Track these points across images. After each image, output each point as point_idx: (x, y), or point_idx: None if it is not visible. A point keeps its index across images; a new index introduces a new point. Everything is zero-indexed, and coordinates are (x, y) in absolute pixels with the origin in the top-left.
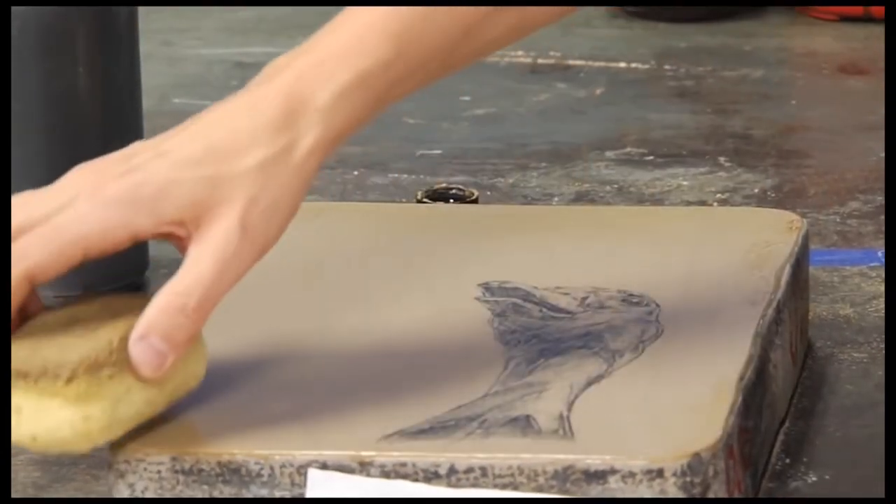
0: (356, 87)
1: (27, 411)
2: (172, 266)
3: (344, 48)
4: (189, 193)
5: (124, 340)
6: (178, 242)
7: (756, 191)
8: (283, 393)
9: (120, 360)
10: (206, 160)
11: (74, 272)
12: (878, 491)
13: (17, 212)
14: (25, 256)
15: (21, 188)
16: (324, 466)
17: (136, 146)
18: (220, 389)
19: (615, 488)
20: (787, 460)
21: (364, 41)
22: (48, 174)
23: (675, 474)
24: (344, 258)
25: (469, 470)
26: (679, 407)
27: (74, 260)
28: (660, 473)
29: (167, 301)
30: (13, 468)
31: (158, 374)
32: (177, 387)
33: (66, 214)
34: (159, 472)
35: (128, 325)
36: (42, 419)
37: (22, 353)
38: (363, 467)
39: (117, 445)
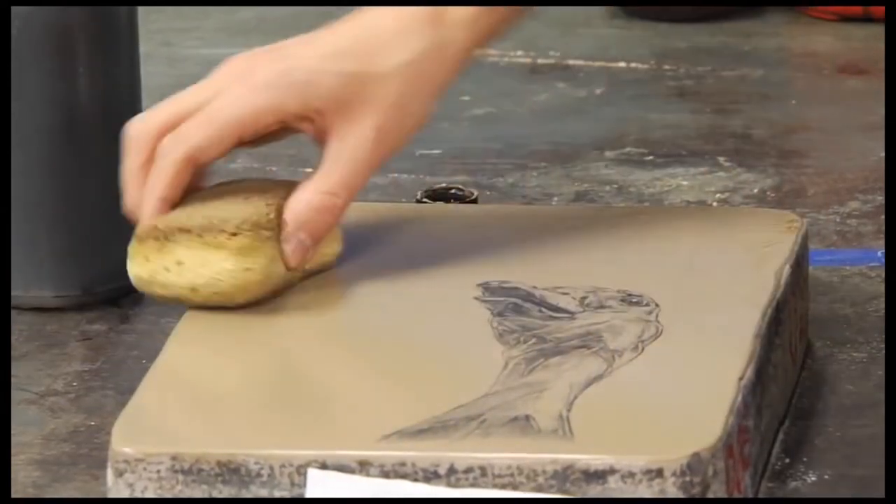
0: (488, 9)
1: (189, 263)
2: None
3: None
4: (334, 86)
5: (280, 210)
6: (312, 131)
7: (756, 191)
8: (283, 393)
9: (276, 225)
10: (353, 55)
11: (74, 272)
12: (878, 491)
13: (175, 102)
14: (186, 140)
15: (21, 188)
16: (323, 466)
17: (287, 41)
18: (220, 389)
19: (615, 488)
20: (787, 460)
21: None
22: (49, 174)
23: (674, 474)
24: (344, 258)
25: (469, 470)
26: (679, 407)
27: (230, 142)
28: (659, 473)
29: (317, 200)
30: (13, 468)
31: (303, 264)
32: (313, 265)
33: (220, 100)
34: (159, 471)
35: (282, 198)
36: (204, 270)
37: (184, 213)
38: (363, 467)
39: (117, 445)
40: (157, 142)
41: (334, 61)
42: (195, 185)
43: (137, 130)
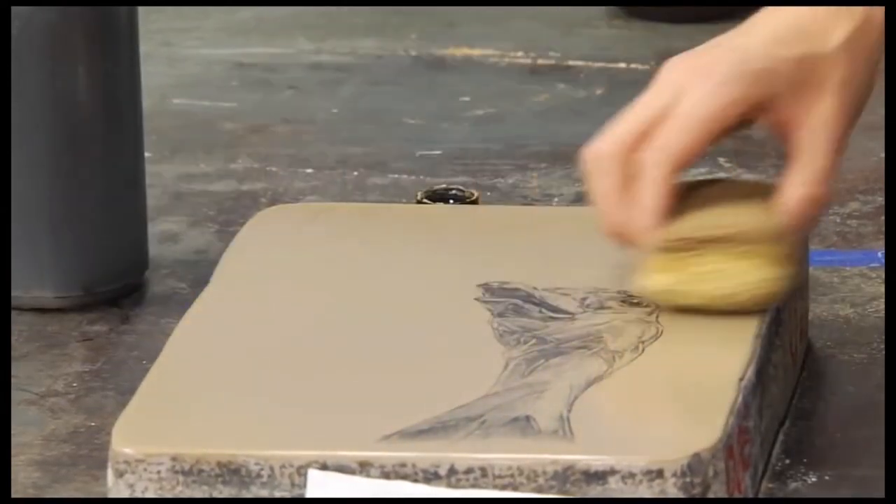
0: None
1: (728, 272)
2: (173, 266)
3: None
4: (790, 71)
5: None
6: (770, 121)
7: None
8: (283, 393)
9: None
10: (797, 39)
11: (75, 272)
12: (878, 491)
13: (634, 115)
14: (668, 148)
15: (21, 188)
16: (324, 467)
17: (719, 38)
18: (221, 389)
19: (615, 489)
20: (787, 461)
21: None
22: (49, 174)
23: (674, 475)
24: (344, 258)
25: (469, 470)
26: (679, 407)
27: (709, 140)
28: (660, 474)
29: (807, 193)
30: (13, 469)
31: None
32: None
33: (687, 101)
34: (159, 472)
35: (763, 199)
36: (730, 281)
37: (702, 221)
38: (363, 468)
39: (117, 446)
40: (629, 158)
41: (783, 47)
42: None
43: (603, 152)
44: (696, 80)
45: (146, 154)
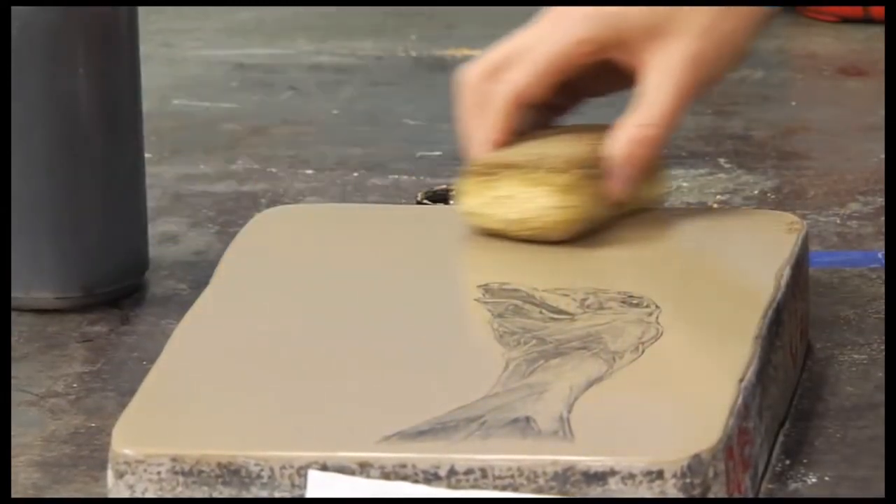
0: None
1: (515, 198)
2: (173, 267)
3: None
4: (646, 13)
5: (601, 149)
6: (629, 64)
7: (756, 192)
8: (283, 394)
9: (599, 164)
10: None
11: (75, 273)
12: (878, 492)
13: (500, 49)
14: (509, 82)
15: (21, 189)
16: (324, 468)
17: None
18: (221, 390)
19: (615, 489)
20: (787, 461)
21: None
22: (49, 174)
23: (675, 475)
24: (344, 259)
25: (469, 471)
26: (679, 408)
27: (551, 78)
28: (660, 475)
29: (636, 133)
30: (13, 469)
31: (626, 198)
32: (638, 203)
33: (539, 41)
34: (159, 473)
35: (605, 137)
36: (528, 205)
37: (512, 151)
38: (363, 468)
39: (117, 447)
40: (485, 86)
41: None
42: (528, 128)
43: (466, 77)
44: (553, 23)
45: (146, 155)
